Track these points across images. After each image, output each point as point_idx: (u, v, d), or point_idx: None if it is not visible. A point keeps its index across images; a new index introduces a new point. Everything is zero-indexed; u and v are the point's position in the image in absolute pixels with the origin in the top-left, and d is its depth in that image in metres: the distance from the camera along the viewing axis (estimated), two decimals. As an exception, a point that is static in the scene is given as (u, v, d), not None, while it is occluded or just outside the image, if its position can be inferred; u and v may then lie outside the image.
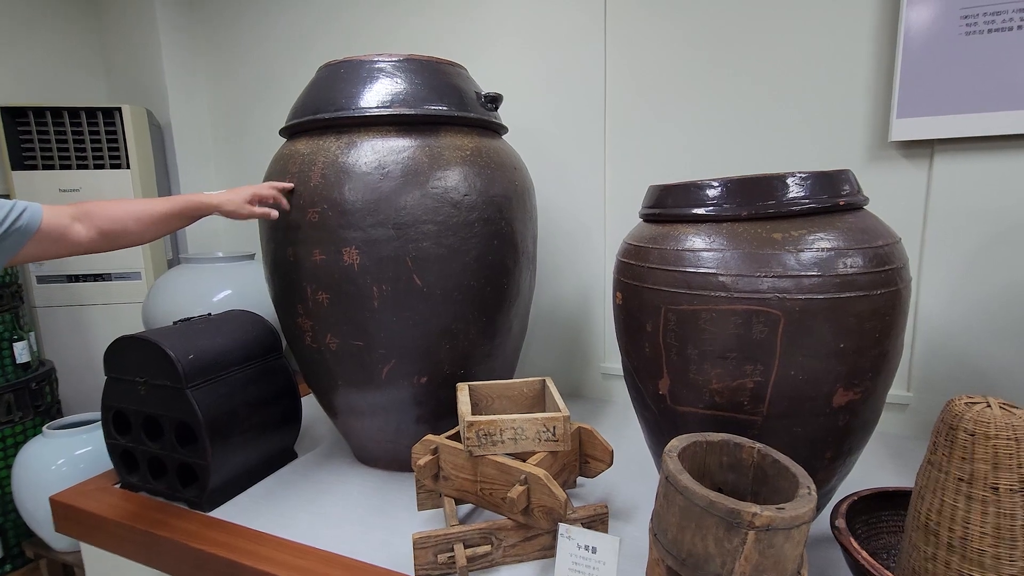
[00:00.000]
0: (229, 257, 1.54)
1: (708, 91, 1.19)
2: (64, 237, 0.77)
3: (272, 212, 0.92)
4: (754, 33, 1.13)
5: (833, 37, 1.07)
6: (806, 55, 1.10)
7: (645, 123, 1.26)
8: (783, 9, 1.10)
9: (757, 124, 1.16)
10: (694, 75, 1.19)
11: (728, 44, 1.16)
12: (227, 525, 0.89)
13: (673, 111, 1.22)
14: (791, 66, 1.11)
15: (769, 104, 1.14)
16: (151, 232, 0.86)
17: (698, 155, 1.22)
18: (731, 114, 1.18)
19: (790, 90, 1.12)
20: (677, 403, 0.74)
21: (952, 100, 0.98)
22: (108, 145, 1.62)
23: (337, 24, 1.59)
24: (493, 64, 1.38)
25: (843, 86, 1.08)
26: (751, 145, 1.17)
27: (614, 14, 1.24)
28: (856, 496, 0.73)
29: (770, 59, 1.13)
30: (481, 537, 0.75)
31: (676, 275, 0.70)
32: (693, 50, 1.19)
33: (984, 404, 0.54)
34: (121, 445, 1.00)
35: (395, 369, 0.93)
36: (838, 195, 0.69)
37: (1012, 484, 0.51)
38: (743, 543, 0.52)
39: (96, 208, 0.80)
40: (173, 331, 0.98)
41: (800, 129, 1.12)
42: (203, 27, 1.83)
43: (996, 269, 1.02)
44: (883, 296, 0.65)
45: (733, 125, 1.18)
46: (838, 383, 0.66)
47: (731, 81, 1.16)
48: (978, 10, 0.93)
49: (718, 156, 1.20)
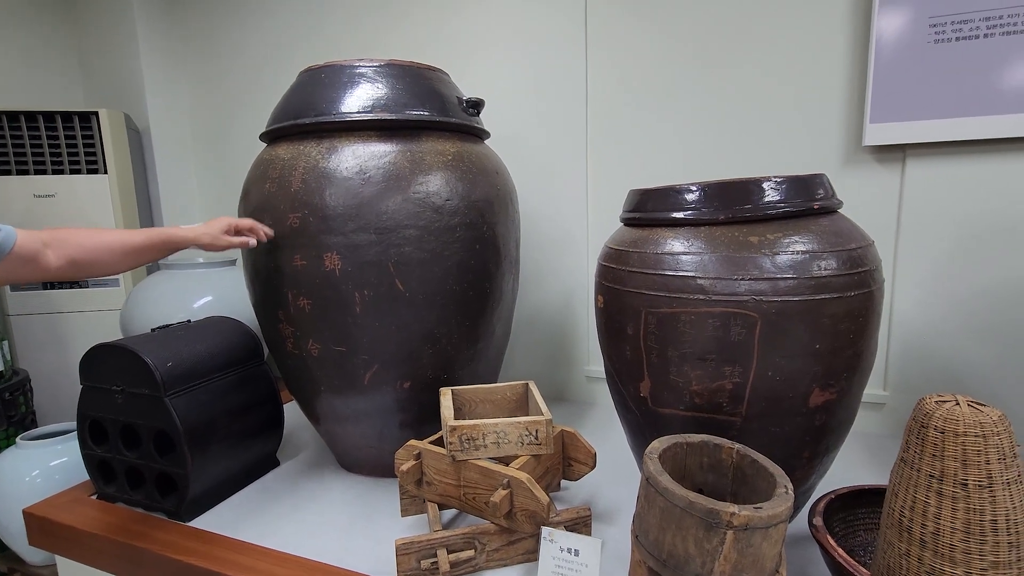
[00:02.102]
0: (210, 263, 1.52)
1: (688, 97, 1.20)
2: (34, 261, 0.75)
3: (250, 240, 0.91)
4: (733, 42, 1.15)
5: (809, 45, 1.10)
6: (783, 63, 1.12)
7: (626, 128, 1.27)
8: (760, 19, 1.12)
9: (736, 129, 1.18)
10: (674, 81, 1.21)
11: (708, 52, 1.17)
12: (207, 535, 0.88)
13: (654, 117, 1.24)
14: (769, 73, 1.13)
15: (748, 110, 1.16)
16: (124, 264, 0.85)
17: (678, 160, 1.23)
18: (711, 119, 1.19)
19: (768, 96, 1.14)
20: (658, 405, 0.75)
21: (923, 106, 1.00)
22: (85, 150, 1.59)
23: (320, 30, 1.58)
24: (476, 70, 1.39)
25: (819, 93, 1.10)
26: (730, 150, 1.19)
27: (594, 21, 1.26)
28: (833, 494, 0.74)
29: (748, 67, 1.15)
30: (464, 542, 0.75)
31: (656, 278, 0.71)
32: (673, 58, 1.20)
33: (953, 402, 0.55)
34: (97, 455, 0.98)
35: (378, 374, 0.93)
36: (812, 199, 0.71)
37: (980, 480, 0.52)
38: (722, 543, 0.52)
39: (70, 236, 0.79)
40: (151, 338, 0.97)
41: (778, 134, 1.15)
42: (183, 31, 1.81)
43: (967, 270, 1.05)
44: (857, 298, 0.66)
45: (713, 130, 1.20)
46: (814, 383, 0.67)
47: (711, 87, 1.18)
48: (946, 19, 0.96)
49: (698, 160, 1.22)
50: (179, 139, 1.87)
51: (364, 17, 1.51)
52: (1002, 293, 1.03)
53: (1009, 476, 0.52)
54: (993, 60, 0.95)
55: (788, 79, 1.12)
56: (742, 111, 1.17)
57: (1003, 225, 1.01)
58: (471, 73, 1.38)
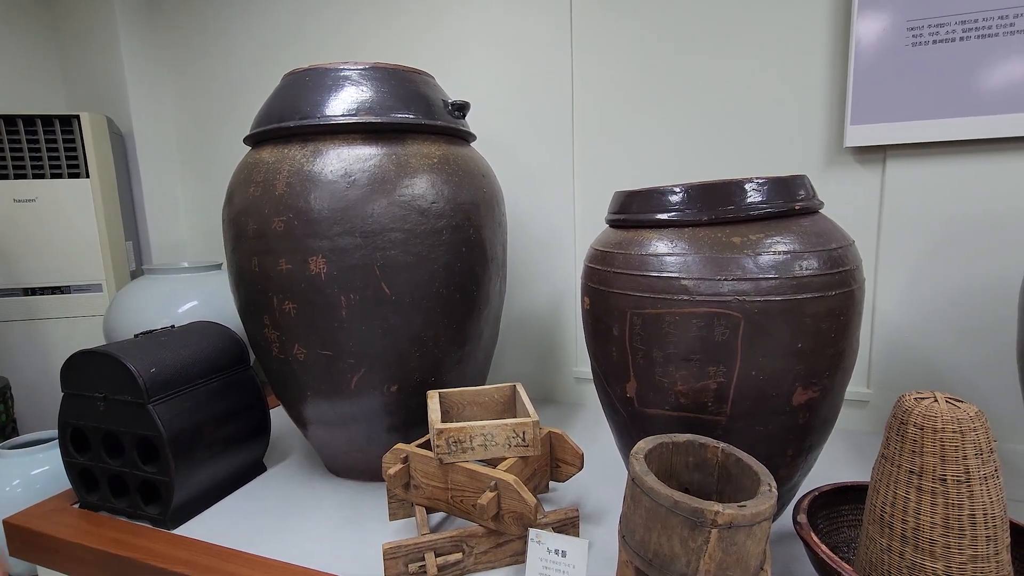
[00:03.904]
0: (195, 267, 1.51)
1: (674, 100, 1.21)
2: None
3: None
4: (717, 47, 1.16)
5: (791, 50, 1.11)
6: (766, 67, 1.13)
7: (612, 130, 1.28)
8: (744, 24, 1.14)
9: (721, 131, 1.19)
10: (660, 84, 1.22)
11: (693, 56, 1.19)
12: (193, 543, 0.87)
13: (639, 119, 1.25)
14: (752, 77, 1.15)
15: (733, 112, 1.17)
16: None
17: (664, 161, 1.24)
18: (696, 122, 1.20)
19: (752, 99, 1.15)
20: (644, 406, 0.75)
21: (902, 108, 1.02)
22: (66, 154, 1.57)
23: (304, 33, 1.58)
24: (462, 73, 1.39)
25: (801, 95, 1.12)
26: (716, 151, 1.20)
27: (580, 24, 1.26)
28: (817, 492, 0.75)
29: (733, 71, 1.16)
30: (452, 545, 0.75)
31: (640, 279, 0.71)
32: (658, 61, 1.21)
33: (932, 399, 0.56)
34: (80, 463, 0.96)
35: (365, 378, 0.93)
36: (794, 200, 0.71)
37: (958, 475, 0.53)
38: (707, 541, 0.53)
39: None
40: (134, 344, 0.96)
41: (762, 136, 1.16)
42: (167, 33, 1.79)
43: (947, 269, 1.07)
44: (837, 297, 0.67)
45: (698, 132, 1.21)
46: (797, 382, 0.68)
47: (696, 90, 1.19)
48: (923, 22, 0.98)
49: (683, 162, 1.23)
50: (163, 143, 1.85)
51: (349, 21, 1.51)
52: (980, 291, 1.05)
53: (986, 471, 0.53)
54: (969, 63, 0.97)
55: (771, 83, 1.13)
56: (727, 114, 1.18)
57: (981, 224, 1.03)
58: (457, 76, 1.39)
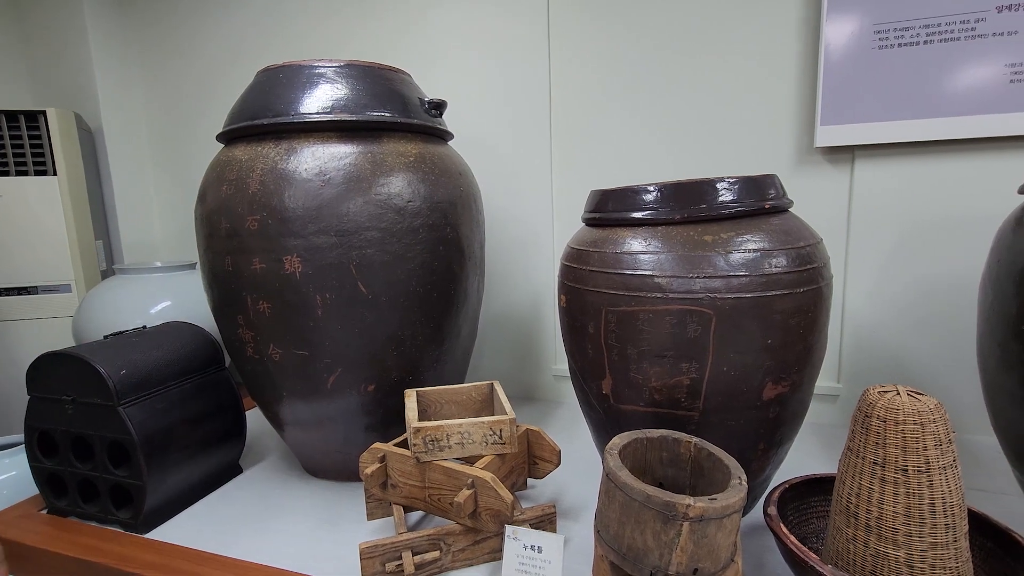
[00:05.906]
0: (168, 267, 1.48)
1: (649, 100, 1.23)
2: None
3: None
4: (691, 48, 1.18)
5: (763, 53, 1.13)
6: (739, 69, 1.15)
7: (589, 130, 1.29)
8: (717, 26, 1.15)
9: (695, 131, 1.21)
10: (635, 85, 1.23)
11: (667, 58, 1.20)
12: (166, 547, 0.85)
13: (615, 119, 1.26)
14: (726, 79, 1.16)
15: (706, 113, 1.19)
16: None
17: (640, 161, 1.26)
18: (671, 122, 1.22)
19: (725, 99, 1.17)
20: (620, 402, 0.76)
21: (870, 109, 1.04)
22: (32, 151, 1.53)
23: (280, 31, 1.56)
24: (440, 72, 1.38)
25: (772, 96, 1.14)
26: (690, 151, 1.22)
27: (557, 25, 1.27)
28: (788, 484, 0.77)
29: (706, 72, 1.18)
30: (430, 543, 0.75)
31: (615, 277, 0.72)
32: (634, 62, 1.22)
33: (894, 392, 0.58)
34: (47, 468, 0.94)
35: (341, 378, 0.92)
36: (764, 199, 0.73)
37: (919, 466, 0.55)
38: (679, 534, 0.54)
39: None
40: (104, 345, 0.94)
41: (734, 136, 1.18)
42: (138, 31, 1.75)
43: (912, 266, 1.10)
44: (806, 294, 0.69)
45: (673, 132, 1.22)
46: (767, 377, 0.69)
47: (671, 91, 1.21)
48: (889, 26, 1.01)
49: (658, 161, 1.24)
50: (134, 139, 1.81)
51: (326, 19, 1.49)
52: (943, 287, 1.08)
53: (945, 461, 0.55)
54: (933, 66, 1.00)
55: (744, 84, 1.15)
56: (701, 114, 1.19)
57: (944, 222, 1.07)
58: (435, 75, 1.38)
